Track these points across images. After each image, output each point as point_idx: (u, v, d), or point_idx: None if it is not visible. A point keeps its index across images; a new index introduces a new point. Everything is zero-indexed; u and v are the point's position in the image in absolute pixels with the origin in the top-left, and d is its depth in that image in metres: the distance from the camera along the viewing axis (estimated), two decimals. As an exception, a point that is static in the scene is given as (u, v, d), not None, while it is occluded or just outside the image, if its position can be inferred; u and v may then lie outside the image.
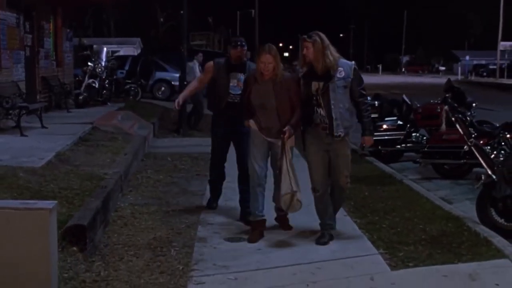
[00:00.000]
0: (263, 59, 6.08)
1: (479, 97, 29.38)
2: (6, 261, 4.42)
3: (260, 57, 6.11)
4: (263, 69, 6.09)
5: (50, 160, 8.03)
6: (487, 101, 27.24)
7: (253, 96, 6.25)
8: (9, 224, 4.41)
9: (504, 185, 6.96)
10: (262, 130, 6.29)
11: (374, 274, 5.44)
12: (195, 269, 5.48)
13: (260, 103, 6.21)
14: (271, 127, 6.21)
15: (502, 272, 5.71)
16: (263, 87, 6.18)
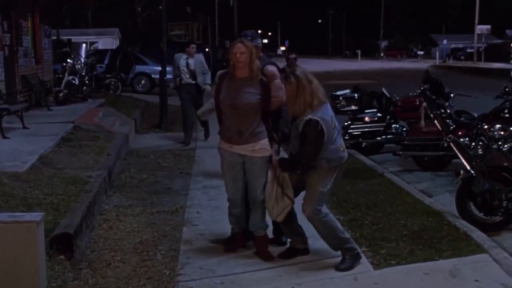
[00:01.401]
0: (235, 49, 5.56)
1: (457, 82, 29.76)
2: (-6, 274, 4.48)
3: (232, 48, 5.62)
4: (235, 60, 5.54)
5: (33, 164, 8.05)
6: (466, 87, 27.46)
7: (223, 95, 5.70)
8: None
9: (482, 180, 7.11)
10: (231, 135, 5.72)
11: (357, 274, 5.56)
12: (181, 274, 5.56)
13: (232, 103, 5.62)
14: (241, 130, 5.63)
15: (481, 268, 5.87)
16: (237, 85, 5.63)
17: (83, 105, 15.75)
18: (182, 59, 12.41)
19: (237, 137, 5.64)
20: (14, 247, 4.48)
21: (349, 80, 29.07)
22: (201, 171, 9.98)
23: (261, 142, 5.66)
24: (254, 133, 5.63)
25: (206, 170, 10.00)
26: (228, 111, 5.66)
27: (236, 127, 5.63)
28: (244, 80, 5.61)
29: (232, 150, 5.72)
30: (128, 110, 16.34)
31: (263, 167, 5.68)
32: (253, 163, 5.68)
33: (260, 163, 5.68)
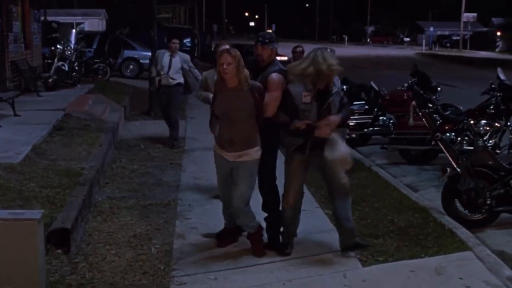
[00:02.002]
0: (222, 60, 5.50)
1: (443, 72, 30.00)
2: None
3: (220, 58, 5.54)
4: (223, 71, 5.52)
5: (27, 155, 8.13)
6: (451, 77, 27.75)
7: (217, 102, 5.78)
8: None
9: (468, 178, 7.31)
10: (223, 142, 5.81)
11: (346, 271, 5.74)
12: (176, 269, 5.72)
13: (223, 111, 5.72)
14: (233, 138, 5.70)
15: (465, 265, 6.07)
16: (228, 95, 5.65)
17: (72, 91, 15.77)
18: (165, 56, 11.05)
19: (228, 144, 5.72)
20: (14, 244, 4.60)
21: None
22: (191, 162, 10.12)
23: (250, 150, 5.70)
24: (245, 141, 5.68)
25: (196, 160, 10.14)
26: (222, 119, 5.76)
27: (229, 135, 5.71)
28: (234, 89, 5.60)
29: (222, 155, 5.82)
30: (118, 97, 16.39)
31: (245, 174, 5.73)
32: (238, 169, 5.74)
33: (242, 169, 5.72)
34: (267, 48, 5.99)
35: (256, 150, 5.74)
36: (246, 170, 5.72)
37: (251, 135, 5.71)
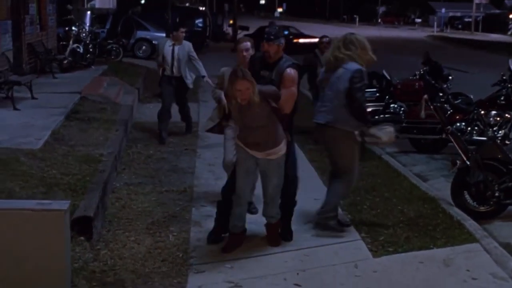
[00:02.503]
0: (238, 86, 5.39)
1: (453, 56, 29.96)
2: (25, 257, 4.82)
3: (235, 84, 5.41)
4: (241, 97, 5.44)
5: (46, 141, 8.35)
6: (462, 61, 27.73)
7: (235, 113, 5.76)
8: (27, 224, 4.80)
9: (477, 171, 7.48)
10: (250, 145, 5.82)
11: (357, 262, 5.95)
12: (193, 256, 5.93)
13: (244, 124, 5.75)
14: (258, 142, 5.73)
15: (473, 257, 6.26)
16: (242, 108, 5.59)
17: (86, 73, 15.98)
18: (167, 46, 10.36)
19: (254, 146, 5.77)
20: (42, 233, 4.81)
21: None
22: (205, 147, 10.30)
23: (277, 148, 5.78)
24: (271, 142, 5.75)
25: (210, 146, 10.30)
26: (244, 128, 5.78)
27: (254, 139, 5.74)
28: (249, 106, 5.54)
29: (247, 151, 5.85)
30: (131, 78, 16.59)
31: (277, 169, 5.87)
32: (267, 164, 5.84)
33: (272, 165, 5.84)
34: (273, 44, 6.03)
35: (282, 145, 5.83)
36: (276, 164, 5.85)
37: (276, 135, 5.77)
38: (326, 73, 6.57)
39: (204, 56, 29.10)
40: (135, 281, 5.33)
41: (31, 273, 4.85)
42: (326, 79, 6.50)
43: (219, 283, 5.41)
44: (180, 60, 10.37)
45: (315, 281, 5.52)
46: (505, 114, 10.59)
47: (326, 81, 6.49)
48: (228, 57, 30.55)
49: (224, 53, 31.42)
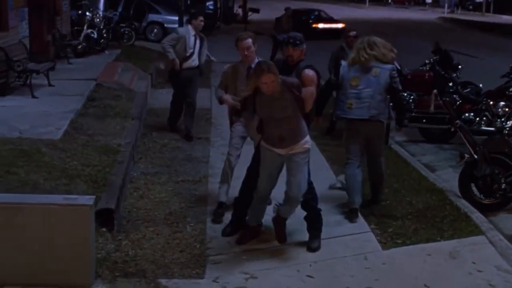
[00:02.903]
0: (264, 79, 5.59)
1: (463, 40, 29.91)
2: (53, 249, 5.11)
3: (261, 78, 5.60)
4: (267, 89, 5.65)
5: (66, 130, 8.61)
6: (471, 45, 27.69)
7: (259, 107, 5.85)
8: (55, 218, 5.08)
9: (484, 165, 7.70)
10: (273, 141, 5.93)
11: (367, 254, 6.21)
12: (210, 247, 6.21)
13: (269, 115, 5.85)
14: (283, 136, 5.85)
15: (478, 250, 6.51)
16: (269, 99, 5.75)
17: (101, 58, 16.19)
18: (191, 36, 9.90)
19: (278, 142, 5.86)
20: (69, 227, 5.08)
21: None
22: (218, 136, 10.53)
23: (301, 142, 5.87)
24: (295, 135, 5.86)
25: (224, 135, 10.49)
26: (268, 121, 5.89)
27: (278, 132, 5.83)
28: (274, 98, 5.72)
29: (272, 150, 5.96)
30: (144, 64, 16.79)
31: (301, 164, 5.92)
32: (291, 161, 5.90)
33: (297, 160, 5.89)
34: (297, 49, 6.41)
35: (306, 140, 5.93)
36: (300, 159, 5.91)
37: (299, 128, 5.89)
38: (356, 73, 7.06)
39: (215, 38, 29.32)
40: (155, 271, 5.60)
41: (58, 264, 5.13)
42: (357, 78, 7.03)
43: (235, 274, 5.68)
44: (199, 51, 10.13)
45: (326, 273, 5.79)
46: (513, 105, 10.78)
47: (356, 80, 7.01)
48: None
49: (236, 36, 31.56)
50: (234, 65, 7.00)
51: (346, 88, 7.10)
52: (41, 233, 5.07)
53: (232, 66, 7.01)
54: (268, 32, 30.20)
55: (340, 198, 7.64)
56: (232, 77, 6.91)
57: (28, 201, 5.16)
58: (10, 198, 5.26)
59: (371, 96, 6.97)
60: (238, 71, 6.87)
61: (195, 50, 10.04)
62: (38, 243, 5.09)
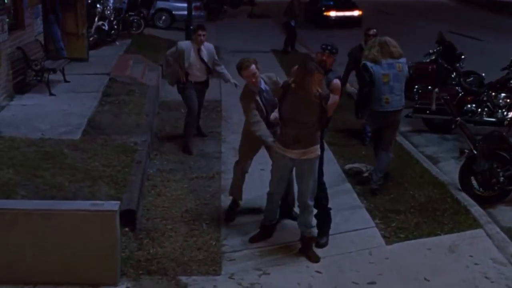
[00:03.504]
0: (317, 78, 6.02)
1: (470, 21, 29.99)
2: (82, 250, 5.57)
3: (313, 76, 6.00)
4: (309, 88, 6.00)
5: (85, 129, 9.04)
6: (477, 27, 27.80)
7: (285, 107, 6.18)
8: (84, 223, 5.54)
9: (483, 160, 8.10)
10: (288, 141, 6.22)
11: (372, 249, 6.65)
12: (225, 244, 6.66)
13: (291, 116, 6.12)
14: (299, 138, 6.14)
15: (476, 243, 6.95)
16: (297, 100, 6.07)
17: (112, 49, 16.55)
18: (192, 52, 9.63)
19: (293, 142, 6.14)
20: (96, 230, 5.55)
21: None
22: (229, 130, 10.91)
23: (313, 147, 6.20)
24: (309, 140, 6.17)
25: (234, 129, 10.83)
26: (288, 121, 6.16)
27: (294, 134, 6.11)
28: (304, 95, 5.99)
29: (285, 153, 6.27)
30: (154, 54, 17.18)
31: (311, 170, 6.26)
32: (301, 166, 6.25)
33: (308, 165, 6.23)
34: (332, 57, 6.89)
35: (317, 147, 6.28)
36: (311, 165, 6.24)
37: (314, 134, 6.21)
38: (385, 70, 8.02)
39: (222, 22, 29.64)
40: (175, 269, 6.07)
41: (87, 264, 5.61)
42: (387, 75, 8.03)
43: (249, 270, 6.14)
44: (207, 63, 9.80)
45: (333, 268, 6.24)
46: (514, 96, 11.15)
47: (387, 76, 8.03)
48: (247, 22, 31.02)
49: (242, 19, 31.81)
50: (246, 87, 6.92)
51: (380, 85, 8.03)
52: (71, 236, 5.53)
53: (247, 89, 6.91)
54: (275, 13, 30.47)
55: (346, 195, 8.06)
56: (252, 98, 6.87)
57: (59, 207, 5.63)
58: (43, 204, 5.72)
59: (401, 89, 8.16)
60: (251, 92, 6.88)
61: (198, 64, 9.70)
62: (69, 245, 5.55)
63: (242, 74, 6.79)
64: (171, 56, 9.84)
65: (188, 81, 9.78)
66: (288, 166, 6.42)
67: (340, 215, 7.40)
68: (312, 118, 6.12)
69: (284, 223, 7.13)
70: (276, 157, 6.45)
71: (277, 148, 6.38)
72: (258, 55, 19.26)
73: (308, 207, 6.41)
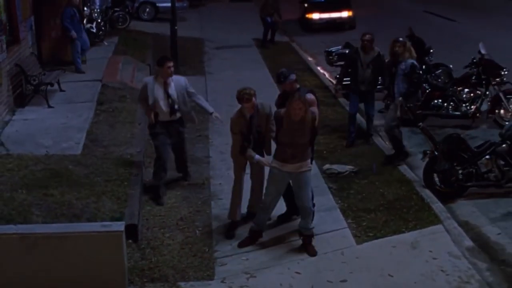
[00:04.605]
0: (294, 105, 7.05)
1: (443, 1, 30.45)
2: (94, 264, 6.51)
3: (292, 104, 7.07)
4: (295, 115, 7.07)
5: (85, 144, 9.94)
6: (451, 6, 28.20)
7: (284, 132, 7.24)
8: (95, 242, 6.48)
9: (443, 160, 9.09)
10: (286, 157, 7.27)
11: (344, 249, 7.65)
12: (216, 250, 7.63)
13: (290, 140, 7.20)
14: (295, 154, 7.23)
15: (436, 238, 7.94)
16: (294, 127, 7.15)
17: (101, 50, 17.17)
18: (157, 87, 8.64)
19: (291, 158, 7.24)
20: (106, 248, 6.49)
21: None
22: (216, 133, 11.74)
23: (307, 161, 7.37)
24: (304, 155, 7.31)
25: (221, 131, 11.53)
26: (286, 143, 7.24)
27: (291, 152, 7.22)
28: (301, 122, 7.11)
29: (283, 169, 7.33)
30: (141, 53, 18.01)
31: (307, 180, 7.40)
32: (299, 178, 7.35)
33: (304, 178, 7.36)
34: (286, 83, 8.05)
35: (309, 161, 7.45)
36: (307, 177, 7.40)
37: (308, 150, 7.40)
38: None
39: (205, 8, 30.30)
40: (175, 276, 7.04)
41: (100, 277, 6.56)
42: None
43: (239, 274, 7.12)
44: (178, 99, 8.80)
45: (311, 269, 7.24)
46: (476, 91, 12.15)
47: None
48: (228, 7, 31.55)
49: (224, 4, 32.28)
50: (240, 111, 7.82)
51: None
52: (84, 254, 6.46)
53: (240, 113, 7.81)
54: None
55: (323, 196, 9.03)
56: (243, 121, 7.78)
57: (74, 230, 6.57)
58: (60, 228, 6.65)
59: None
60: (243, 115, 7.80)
61: (165, 100, 8.69)
62: (83, 262, 6.49)
63: (241, 104, 7.70)
64: (140, 96, 8.93)
65: (158, 122, 8.75)
66: (286, 180, 7.48)
67: (318, 216, 8.31)
68: (307, 139, 7.31)
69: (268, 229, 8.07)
70: (273, 172, 7.44)
71: (275, 164, 7.40)
72: (241, 50, 20.16)
73: (309, 210, 7.53)
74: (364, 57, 10.88)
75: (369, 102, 11.27)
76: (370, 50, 10.87)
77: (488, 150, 9.12)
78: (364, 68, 10.87)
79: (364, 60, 10.87)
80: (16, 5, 12.46)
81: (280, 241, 7.85)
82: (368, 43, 10.90)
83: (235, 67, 17.61)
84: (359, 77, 10.95)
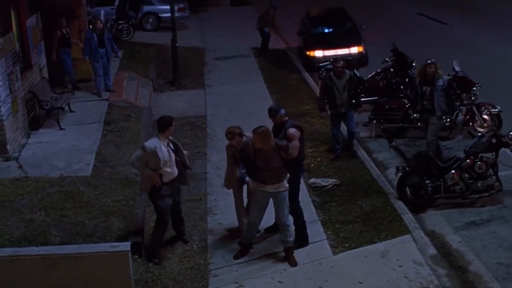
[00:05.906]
0: (253, 137, 8.31)
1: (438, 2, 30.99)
2: (105, 281, 7.63)
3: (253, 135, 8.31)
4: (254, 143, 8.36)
5: (94, 165, 11.09)
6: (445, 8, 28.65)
7: (259, 159, 8.33)
8: (105, 261, 7.61)
9: (413, 175, 10.18)
10: (265, 179, 8.37)
11: (321, 260, 8.74)
12: (211, 263, 8.75)
13: (265, 166, 8.30)
14: (271, 177, 8.31)
15: (404, 247, 9.01)
16: (266, 155, 8.28)
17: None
18: (163, 148, 8.52)
19: (269, 180, 8.33)
20: (115, 266, 7.62)
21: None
22: (213, 149, 12.85)
23: (283, 182, 8.42)
24: (280, 177, 8.37)
25: (218, 147, 12.63)
26: (263, 169, 8.33)
27: (269, 175, 8.32)
28: (270, 151, 8.27)
29: (263, 189, 8.43)
30: (145, 67, 19.10)
31: (284, 199, 8.46)
32: (278, 197, 8.44)
33: (281, 197, 8.43)
34: (276, 117, 9.05)
35: (285, 182, 8.49)
36: (284, 196, 8.47)
37: (283, 173, 8.44)
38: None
39: (206, 14, 31.26)
40: (174, 286, 8.18)
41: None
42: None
43: (229, 284, 8.25)
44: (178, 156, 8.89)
45: (292, 278, 8.34)
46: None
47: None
48: (228, 13, 32.41)
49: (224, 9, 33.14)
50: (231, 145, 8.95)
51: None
52: (97, 270, 7.60)
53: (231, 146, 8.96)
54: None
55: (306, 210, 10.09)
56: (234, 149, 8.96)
57: (87, 250, 7.70)
58: (75, 249, 7.80)
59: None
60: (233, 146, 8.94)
61: (172, 160, 8.68)
62: (95, 277, 7.62)
63: (232, 143, 8.86)
64: (138, 162, 8.56)
65: (164, 184, 8.60)
66: (267, 198, 8.57)
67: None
68: (279, 165, 8.36)
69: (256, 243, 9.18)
70: (256, 194, 8.58)
71: (257, 185, 8.50)
72: (241, 60, 21.17)
73: (286, 226, 8.58)
74: (338, 82, 11.93)
75: (349, 121, 12.29)
76: (342, 74, 11.96)
77: (454, 165, 10.19)
78: (341, 92, 11.91)
79: (339, 85, 11.92)
80: (28, 33, 13.59)
81: (266, 252, 8.93)
82: (341, 69, 12.00)
83: (233, 79, 18.68)
84: (337, 101, 11.99)
